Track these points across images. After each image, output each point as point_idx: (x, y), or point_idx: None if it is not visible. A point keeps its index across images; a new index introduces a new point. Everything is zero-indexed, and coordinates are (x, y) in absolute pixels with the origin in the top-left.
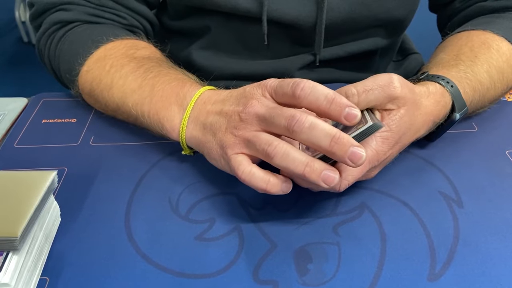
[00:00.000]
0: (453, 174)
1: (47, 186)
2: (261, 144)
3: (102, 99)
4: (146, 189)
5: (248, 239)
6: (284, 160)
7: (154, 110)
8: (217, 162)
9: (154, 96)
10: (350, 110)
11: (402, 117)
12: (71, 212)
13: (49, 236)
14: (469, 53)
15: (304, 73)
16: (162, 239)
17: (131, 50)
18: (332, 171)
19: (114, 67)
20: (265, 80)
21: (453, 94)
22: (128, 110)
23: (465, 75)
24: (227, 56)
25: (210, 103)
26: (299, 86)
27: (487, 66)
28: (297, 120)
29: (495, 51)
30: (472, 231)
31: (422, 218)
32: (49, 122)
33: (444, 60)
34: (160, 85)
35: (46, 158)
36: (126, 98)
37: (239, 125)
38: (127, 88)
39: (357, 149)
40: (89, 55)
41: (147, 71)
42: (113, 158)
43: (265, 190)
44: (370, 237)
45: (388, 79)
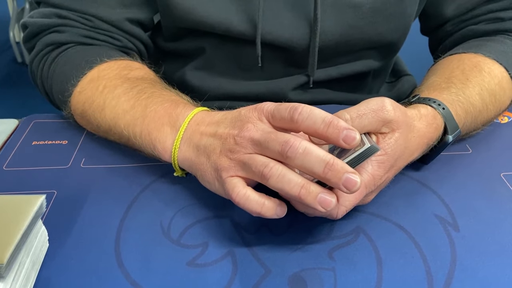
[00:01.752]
0: (449, 197)
1: (34, 211)
2: (257, 166)
3: (94, 120)
4: (137, 213)
5: (241, 264)
6: (280, 182)
7: (146, 131)
8: (211, 185)
9: (146, 117)
10: (348, 133)
11: (397, 140)
12: (60, 237)
13: (36, 262)
14: (461, 76)
15: (298, 93)
16: (153, 265)
17: (124, 71)
18: (328, 194)
19: (107, 87)
20: (261, 104)
21: (445, 116)
22: (120, 131)
23: (457, 98)
24: (221, 77)
25: (203, 125)
26: (297, 110)
27: (479, 89)
28: (291, 146)
29: (486, 74)
30: (469, 255)
31: (418, 242)
32: (40, 144)
33: (436, 83)
34: (152, 106)
35: (35, 181)
36: (118, 119)
37: (234, 148)
38: (120, 108)
39: (352, 176)
40: (83, 76)
41: (140, 92)
42: (104, 180)
43: (259, 214)
44: (366, 262)
45: (380, 103)
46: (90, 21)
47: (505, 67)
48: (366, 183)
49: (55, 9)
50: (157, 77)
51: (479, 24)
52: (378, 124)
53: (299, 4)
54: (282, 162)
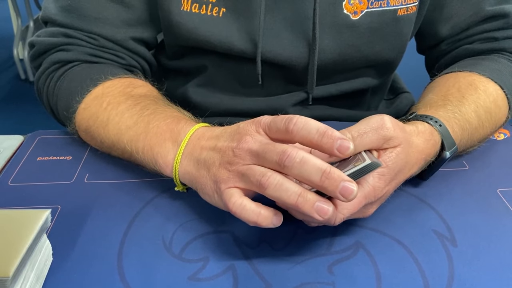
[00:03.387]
0: (446, 213)
1: (40, 226)
2: (255, 175)
3: (98, 135)
4: (140, 228)
5: (242, 279)
6: (278, 191)
7: (149, 146)
8: (211, 198)
9: (148, 132)
10: (342, 142)
11: (398, 154)
12: (63, 252)
13: (40, 276)
14: (457, 94)
15: (298, 110)
16: (155, 279)
17: (128, 88)
18: (325, 202)
19: (111, 104)
20: (259, 117)
21: (442, 133)
22: (123, 146)
23: (453, 115)
24: (222, 94)
25: (204, 139)
26: (291, 121)
27: (475, 106)
28: (288, 155)
29: (482, 91)
30: (466, 270)
31: (417, 257)
32: (44, 160)
33: (432, 100)
34: (155, 122)
35: (40, 196)
36: (121, 135)
37: (233, 160)
38: (123, 125)
39: (348, 184)
40: (87, 93)
41: (143, 108)
42: (107, 195)
43: (256, 223)
44: (365, 276)
45: (380, 120)
46: (96, 40)
47: (500, 85)
48: (366, 193)
49: (62, 29)
50: (159, 94)
51: (474, 43)
52: (379, 142)
53: (298, 24)
54: (280, 172)
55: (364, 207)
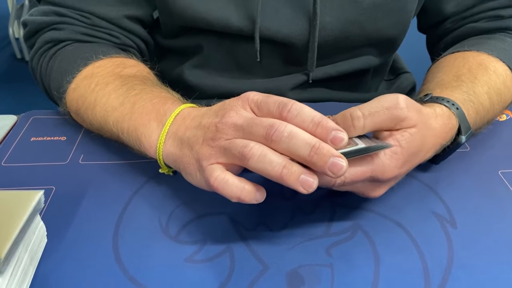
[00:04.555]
0: (446, 194)
1: (32, 207)
2: (237, 147)
3: (87, 118)
4: (136, 209)
5: (239, 260)
6: (261, 162)
7: (133, 126)
8: (193, 178)
9: (134, 113)
10: (337, 133)
11: (413, 135)
12: (58, 233)
13: (34, 258)
14: (469, 74)
15: (297, 92)
16: (151, 261)
17: (118, 68)
18: (310, 175)
19: (99, 85)
20: (246, 93)
21: (459, 116)
22: (110, 128)
23: (468, 97)
24: (219, 75)
25: (189, 118)
26: (286, 107)
27: (487, 88)
28: (276, 129)
29: (492, 72)
30: (466, 252)
31: (416, 239)
32: (38, 140)
33: (445, 80)
34: (141, 102)
35: (34, 177)
36: (107, 116)
37: (216, 136)
38: (109, 106)
39: (338, 160)
40: (78, 73)
41: (130, 89)
42: (103, 177)
43: (239, 198)
44: (363, 258)
45: (394, 100)
46: (89, 19)
47: (508, 66)
48: (373, 167)
49: (54, 7)
50: (150, 74)
51: (479, 21)
52: (391, 122)
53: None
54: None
55: (372, 185)
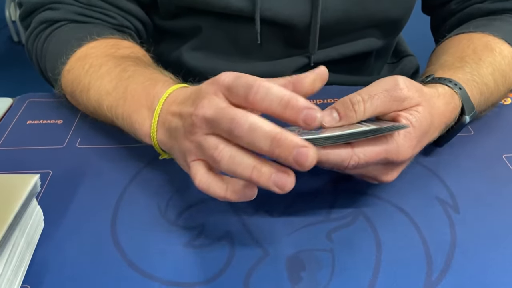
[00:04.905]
0: (449, 179)
1: (28, 191)
2: (208, 149)
3: (82, 101)
4: (134, 194)
5: (239, 246)
6: (231, 164)
7: (127, 113)
8: (185, 169)
9: (127, 98)
10: (309, 112)
11: (421, 113)
12: (55, 217)
13: (31, 243)
14: (473, 56)
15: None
16: (150, 246)
17: (112, 49)
18: (283, 174)
19: (93, 67)
20: (219, 75)
21: (462, 96)
22: (104, 113)
23: (472, 78)
24: (219, 58)
25: (174, 104)
26: (252, 89)
27: (492, 69)
28: (237, 123)
29: (498, 53)
30: (469, 238)
31: (418, 224)
32: (34, 124)
33: (449, 62)
34: (133, 86)
35: (30, 160)
36: (102, 101)
37: (192, 129)
38: (103, 90)
39: (303, 150)
40: (72, 54)
41: (123, 71)
42: (100, 161)
43: (225, 198)
44: (365, 244)
45: (393, 81)
46: None
47: None
48: (388, 148)
49: None
50: (145, 56)
51: (485, 2)
52: (392, 104)
53: None
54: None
55: (385, 168)
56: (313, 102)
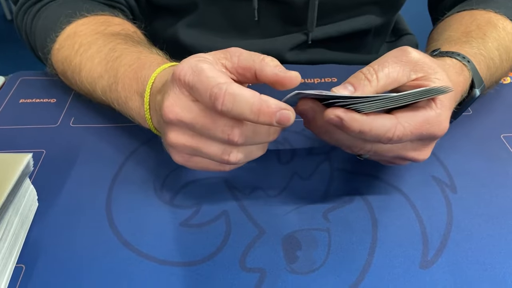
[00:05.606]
0: (447, 158)
1: (21, 170)
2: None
3: (74, 82)
4: (129, 173)
5: (235, 225)
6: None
7: (122, 100)
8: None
9: (118, 83)
10: (282, 113)
11: (442, 79)
12: (49, 197)
13: (25, 222)
14: (478, 31)
15: (296, 53)
16: (146, 226)
17: (102, 27)
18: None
19: (83, 46)
20: (178, 71)
21: (472, 69)
22: (99, 96)
23: (479, 51)
24: (215, 35)
25: (160, 94)
26: (218, 100)
27: (497, 44)
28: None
29: (501, 29)
30: (465, 217)
31: (415, 203)
32: (27, 102)
33: (453, 37)
34: (122, 68)
35: (23, 139)
36: (95, 84)
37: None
38: (94, 72)
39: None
40: (61, 31)
41: (112, 50)
42: (95, 140)
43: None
44: (361, 223)
45: (400, 49)
46: None
47: None
48: (430, 119)
49: None
50: (136, 33)
51: None
52: (403, 70)
53: None
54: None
55: (422, 145)
56: (311, 81)
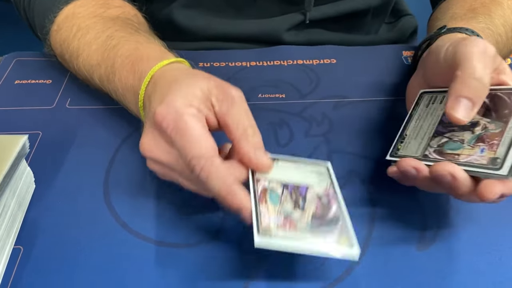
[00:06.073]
0: None
1: (17, 151)
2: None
3: (72, 66)
4: (127, 155)
5: None
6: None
7: (119, 90)
8: None
9: (116, 73)
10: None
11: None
12: (46, 179)
13: (22, 204)
14: (483, 8)
15: (293, 34)
16: (144, 207)
17: (101, 9)
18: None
19: (81, 30)
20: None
21: None
22: (97, 83)
23: (486, 26)
24: (211, 15)
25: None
26: (195, 171)
27: (503, 21)
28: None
29: (506, 7)
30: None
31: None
32: (23, 83)
33: (459, 14)
34: (119, 59)
35: (19, 121)
36: (92, 72)
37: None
38: (92, 60)
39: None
40: (59, 12)
41: (109, 38)
42: (92, 121)
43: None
44: (358, 204)
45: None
46: None
47: None
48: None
49: None
50: (136, 17)
51: None
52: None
53: None
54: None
55: None
56: (309, 62)
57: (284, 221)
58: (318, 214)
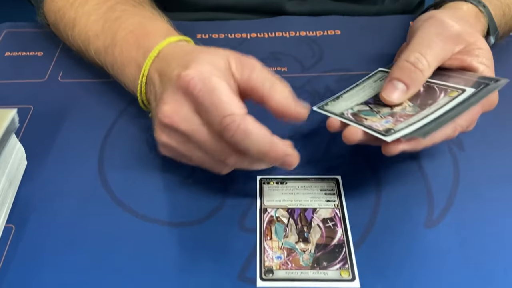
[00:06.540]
0: None
1: (5, 126)
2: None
3: (66, 36)
4: (122, 130)
5: (234, 183)
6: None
7: (118, 64)
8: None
9: (116, 46)
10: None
11: (484, 48)
12: (39, 155)
13: (13, 181)
14: None
15: (295, 4)
16: (140, 184)
17: None
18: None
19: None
20: (187, 78)
21: (488, 15)
22: (91, 56)
23: None
24: None
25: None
26: (228, 131)
27: None
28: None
29: None
30: (472, 176)
31: (421, 161)
32: (13, 56)
33: None
34: (122, 32)
35: (9, 95)
36: (89, 43)
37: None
38: (90, 31)
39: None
40: None
41: (110, 9)
42: (85, 95)
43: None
44: (364, 182)
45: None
46: None
47: None
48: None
49: None
50: None
51: None
52: (450, 45)
53: None
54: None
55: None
56: (313, 34)
57: (287, 259)
58: (322, 242)
